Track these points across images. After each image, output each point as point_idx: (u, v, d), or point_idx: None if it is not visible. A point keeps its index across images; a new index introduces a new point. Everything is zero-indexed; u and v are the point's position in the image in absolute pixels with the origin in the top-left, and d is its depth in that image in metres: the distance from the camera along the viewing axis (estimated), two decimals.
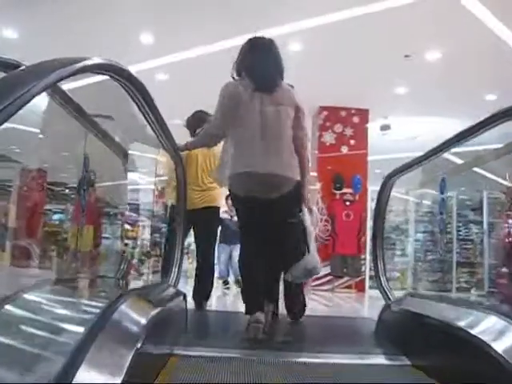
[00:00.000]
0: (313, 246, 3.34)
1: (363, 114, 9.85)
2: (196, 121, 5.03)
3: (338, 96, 9.32)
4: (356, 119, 9.82)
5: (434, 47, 7.25)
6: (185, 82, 8.84)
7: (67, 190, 6.78)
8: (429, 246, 9.46)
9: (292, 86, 3.42)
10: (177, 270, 3.82)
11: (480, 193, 9.16)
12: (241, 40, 3.47)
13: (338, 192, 9.48)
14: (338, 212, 9.37)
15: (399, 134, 10.50)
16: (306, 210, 3.34)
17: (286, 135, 3.20)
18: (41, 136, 6.34)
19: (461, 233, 9.22)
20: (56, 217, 7.54)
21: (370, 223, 9.54)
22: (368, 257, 9.49)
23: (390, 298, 3.82)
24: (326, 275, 9.45)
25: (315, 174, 9.90)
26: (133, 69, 2.22)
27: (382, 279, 4.03)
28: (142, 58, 7.92)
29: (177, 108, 10.03)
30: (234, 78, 3.35)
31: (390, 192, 4.11)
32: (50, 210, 7.44)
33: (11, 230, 6.09)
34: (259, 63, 3.27)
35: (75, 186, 3.82)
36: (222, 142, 3.45)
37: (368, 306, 7.61)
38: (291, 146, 3.22)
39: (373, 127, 9.93)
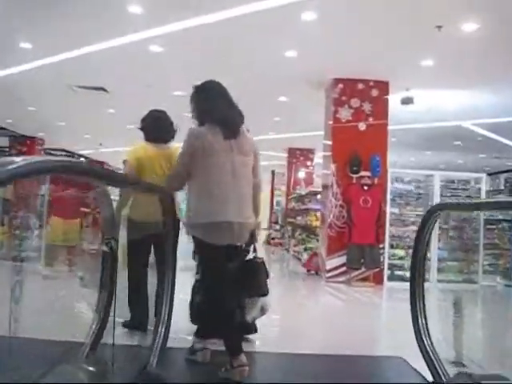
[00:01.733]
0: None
1: (383, 87, 8.81)
2: (152, 122, 4.52)
3: (355, 67, 8.31)
4: (375, 92, 8.79)
5: (469, 18, 6.20)
6: (181, 55, 8.11)
7: None
8: None
9: (248, 130, 3.57)
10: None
11: None
12: (238, 11, 2.78)
13: (354, 176, 8.53)
14: (354, 198, 8.45)
15: (420, 106, 9.52)
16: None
17: (250, 184, 3.45)
18: None
19: None
20: None
21: (389, 209, 8.67)
22: (387, 246, 8.65)
23: (439, 374, 2.96)
24: (340, 265, 8.65)
25: (329, 153, 8.98)
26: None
27: (426, 342, 3.15)
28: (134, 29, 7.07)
29: (173, 80, 9.21)
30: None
31: (433, 226, 3.19)
32: None
33: None
34: (226, 110, 3.40)
35: None
36: None
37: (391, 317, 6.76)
38: (251, 194, 3.47)
39: (392, 100, 8.91)
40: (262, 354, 4.28)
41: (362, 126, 8.75)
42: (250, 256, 3.78)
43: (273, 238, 17.32)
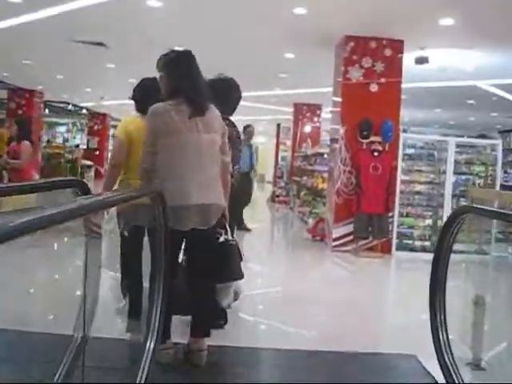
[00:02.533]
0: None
1: (397, 46, 8.26)
2: (144, 92, 3.99)
3: (368, 25, 7.75)
4: (388, 52, 8.24)
5: None
6: (180, 10, 7.59)
7: None
8: None
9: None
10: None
11: None
12: None
13: (364, 141, 8.08)
14: (364, 164, 8.03)
15: (434, 64, 9.01)
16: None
17: (218, 163, 3.28)
18: None
19: None
20: None
21: (400, 177, 8.26)
22: (396, 215, 8.28)
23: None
24: (347, 234, 8.31)
25: (338, 109, 8.53)
26: None
27: (446, 356, 2.82)
28: None
29: (174, 35, 8.68)
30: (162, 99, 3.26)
31: (458, 231, 2.79)
32: None
33: None
34: (196, 84, 3.24)
35: None
36: None
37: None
38: (219, 174, 3.30)
39: (405, 58, 8.37)
40: (263, 350, 3.97)
41: (373, 88, 8.24)
42: (222, 239, 3.59)
43: (277, 196, 16.91)
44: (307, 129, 17.01)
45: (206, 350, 3.31)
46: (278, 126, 24.10)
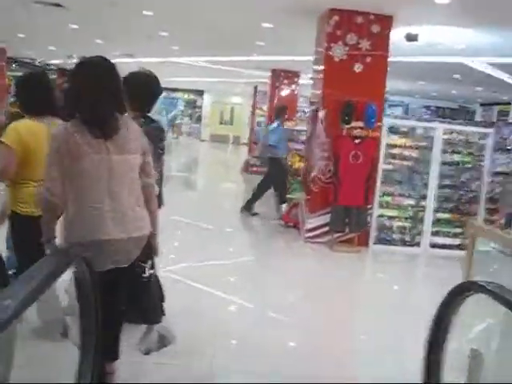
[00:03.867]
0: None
1: (386, 22, 7.52)
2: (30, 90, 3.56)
3: None
4: (375, 28, 7.50)
5: None
6: None
7: None
8: None
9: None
10: None
11: None
12: None
13: (346, 126, 7.41)
14: (343, 152, 7.38)
15: (422, 41, 8.31)
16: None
17: (136, 187, 2.84)
18: None
19: None
20: None
21: (383, 166, 7.65)
22: (376, 207, 7.70)
23: None
24: (322, 225, 7.72)
25: (320, 96, 7.83)
26: None
27: None
28: None
29: None
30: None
31: (456, 313, 2.20)
32: None
33: None
34: (97, 102, 2.67)
35: None
36: None
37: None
38: (141, 197, 2.87)
39: (394, 35, 7.67)
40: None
41: (357, 68, 7.53)
42: (147, 273, 3.18)
43: (252, 165, 16.14)
44: (284, 94, 16.26)
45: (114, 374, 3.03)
46: (255, 88, 23.23)
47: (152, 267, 3.23)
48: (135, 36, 11.77)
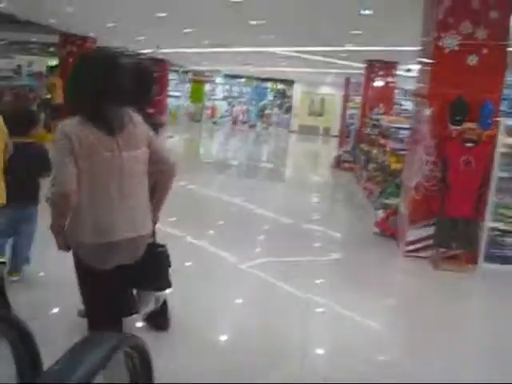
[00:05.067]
0: None
1: (506, 6, 6.50)
2: None
3: None
4: (494, 14, 6.49)
5: None
6: None
7: None
8: None
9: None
10: None
11: None
12: None
13: (456, 128, 6.47)
14: (453, 156, 6.45)
15: None
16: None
17: (145, 183, 2.81)
18: None
19: None
20: None
21: (498, 174, 6.65)
22: (488, 219, 6.71)
23: None
24: (425, 238, 6.84)
25: (426, 92, 6.93)
26: None
27: None
28: None
29: None
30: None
31: None
32: None
33: None
34: (100, 98, 2.62)
35: None
36: None
37: None
38: (148, 194, 2.84)
39: None
40: None
41: (471, 60, 6.56)
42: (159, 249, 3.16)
43: (344, 161, 15.26)
44: (379, 85, 15.26)
45: None
46: (347, 79, 22.27)
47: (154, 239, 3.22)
48: (222, 24, 11.22)
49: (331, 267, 6.52)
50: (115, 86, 2.63)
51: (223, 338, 4.36)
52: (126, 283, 2.90)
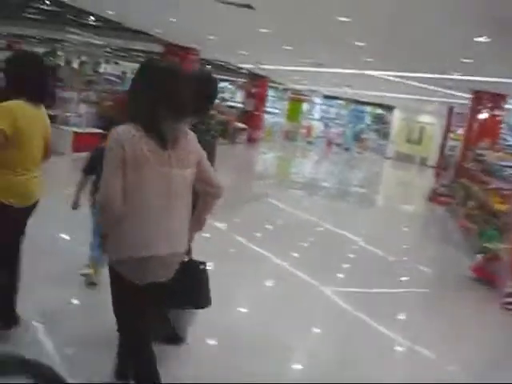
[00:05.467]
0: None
1: None
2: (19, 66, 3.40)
3: None
4: None
5: None
6: None
7: None
8: None
9: None
10: None
11: None
12: None
13: None
14: None
15: None
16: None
17: (189, 205, 2.75)
18: None
19: None
20: None
21: None
22: None
23: None
24: None
25: None
26: None
27: None
28: None
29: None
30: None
31: None
32: None
33: None
34: (156, 108, 2.53)
35: None
36: None
37: None
38: (188, 213, 2.76)
39: None
40: None
41: None
42: (202, 267, 3.21)
43: (439, 194, 14.46)
44: (485, 117, 14.42)
45: None
46: (450, 109, 21.40)
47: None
48: (326, 44, 10.95)
49: (418, 303, 6.07)
50: (173, 95, 2.55)
51: (297, 366, 4.18)
52: (156, 302, 2.88)
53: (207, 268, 3.21)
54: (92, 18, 15.87)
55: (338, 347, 4.55)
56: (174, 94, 2.55)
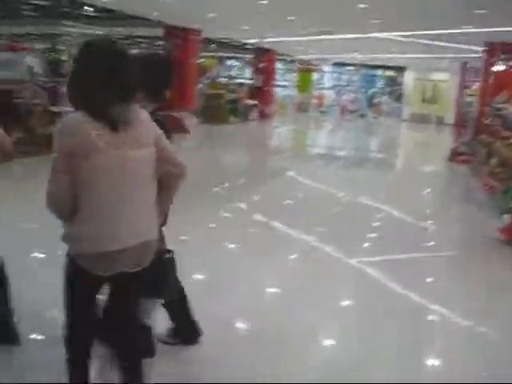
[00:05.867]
0: None
1: None
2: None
3: None
4: None
5: None
6: None
7: None
8: None
9: None
10: None
11: None
12: None
13: None
14: None
15: None
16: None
17: (151, 186, 2.54)
18: None
19: None
20: None
21: None
22: None
23: None
24: None
25: None
26: None
27: None
28: None
29: None
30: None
31: None
32: None
33: None
34: (101, 90, 2.35)
35: None
36: None
37: None
38: (154, 196, 2.56)
39: None
40: None
41: None
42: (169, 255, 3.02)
43: (460, 153, 14.11)
44: (501, 69, 14.04)
45: None
46: (464, 64, 20.95)
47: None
48: (328, 10, 10.69)
49: (446, 268, 5.93)
50: (122, 79, 2.37)
51: (328, 342, 4.06)
52: (128, 293, 2.71)
53: (173, 256, 3.02)
54: (90, 8, 15.72)
55: (369, 316, 4.45)
56: (114, 75, 2.36)
